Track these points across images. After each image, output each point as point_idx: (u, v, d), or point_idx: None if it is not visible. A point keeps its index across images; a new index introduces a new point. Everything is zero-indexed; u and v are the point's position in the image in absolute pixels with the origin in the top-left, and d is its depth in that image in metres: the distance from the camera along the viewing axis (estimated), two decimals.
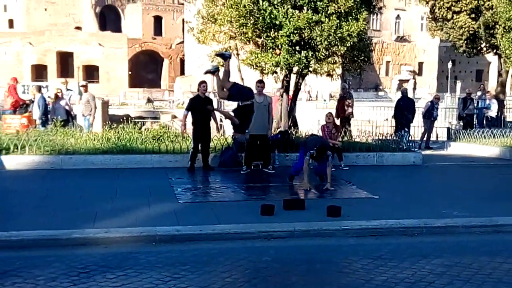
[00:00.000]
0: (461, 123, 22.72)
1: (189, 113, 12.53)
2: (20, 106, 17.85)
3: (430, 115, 19.62)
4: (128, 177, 11.71)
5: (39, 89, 18.46)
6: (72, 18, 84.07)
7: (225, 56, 12.01)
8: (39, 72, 69.09)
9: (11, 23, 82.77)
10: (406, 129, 17.78)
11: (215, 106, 13.88)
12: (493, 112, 22.12)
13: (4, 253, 6.77)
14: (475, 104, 22.56)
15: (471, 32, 24.96)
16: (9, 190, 10.19)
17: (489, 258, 6.93)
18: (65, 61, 71.30)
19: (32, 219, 8.00)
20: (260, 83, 12.53)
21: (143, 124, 19.10)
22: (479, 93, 24.15)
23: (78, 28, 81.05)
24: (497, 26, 22.76)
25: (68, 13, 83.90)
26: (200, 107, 12.32)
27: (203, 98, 12.57)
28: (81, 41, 71.64)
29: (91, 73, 71.20)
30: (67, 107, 17.92)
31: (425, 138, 19.67)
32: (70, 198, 9.49)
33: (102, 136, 14.01)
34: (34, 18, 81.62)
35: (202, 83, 12.62)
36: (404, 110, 18.64)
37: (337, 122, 15.87)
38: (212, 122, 12.82)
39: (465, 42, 25.82)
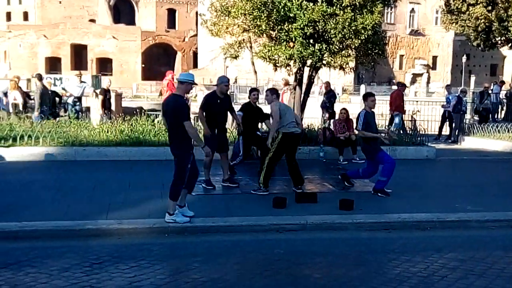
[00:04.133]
0: (476, 117, 22.59)
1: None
2: None
3: (459, 109, 19.71)
4: (141, 169, 11.75)
5: None
6: (86, 11, 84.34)
7: None
8: (53, 64, 69.34)
9: (25, 16, 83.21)
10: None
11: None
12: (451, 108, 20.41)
13: (18, 243, 6.84)
14: (491, 99, 22.46)
15: (487, 24, 24.72)
16: (22, 181, 10.25)
17: (503, 252, 6.90)
18: (79, 54, 71.49)
19: (46, 210, 8.05)
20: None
21: (156, 117, 19.08)
22: (494, 87, 23.97)
23: (92, 20, 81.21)
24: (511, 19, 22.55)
25: (82, 5, 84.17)
26: (251, 116, 11.16)
27: (255, 107, 11.37)
28: (95, 33, 71.75)
29: (104, 65, 71.38)
30: (14, 100, 17.93)
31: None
32: (84, 190, 9.54)
33: (116, 128, 14.05)
34: (49, 11, 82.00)
35: (253, 91, 11.40)
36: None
37: None
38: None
39: (480, 35, 25.60)
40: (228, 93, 10.82)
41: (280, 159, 9.84)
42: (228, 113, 10.65)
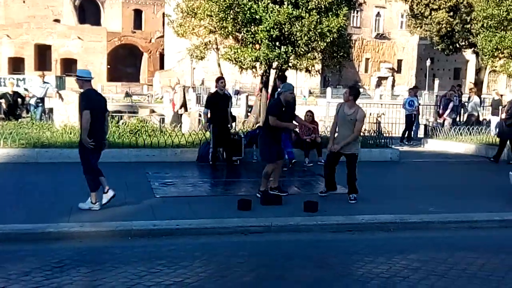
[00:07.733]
0: (440, 121, 22.93)
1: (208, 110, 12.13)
2: None
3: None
4: (105, 171, 11.54)
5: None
6: (51, 11, 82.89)
7: None
8: (17, 65, 68.09)
9: None
10: None
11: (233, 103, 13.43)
12: (408, 111, 20.38)
13: None
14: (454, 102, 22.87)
15: (448, 29, 25.17)
16: None
17: (464, 253, 6.99)
18: (43, 54, 70.31)
19: (6, 213, 7.89)
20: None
21: (121, 118, 18.88)
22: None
23: (57, 20, 79.85)
24: (474, 22, 22.97)
25: (47, 5, 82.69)
26: (219, 105, 11.90)
27: (222, 94, 12.05)
28: (60, 34, 70.71)
29: (69, 66, 70.28)
30: None
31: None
32: (45, 192, 9.38)
33: (79, 129, 13.83)
34: (12, 10, 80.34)
35: (220, 79, 12.02)
36: None
37: None
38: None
39: (443, 39, 26.06)
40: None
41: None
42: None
